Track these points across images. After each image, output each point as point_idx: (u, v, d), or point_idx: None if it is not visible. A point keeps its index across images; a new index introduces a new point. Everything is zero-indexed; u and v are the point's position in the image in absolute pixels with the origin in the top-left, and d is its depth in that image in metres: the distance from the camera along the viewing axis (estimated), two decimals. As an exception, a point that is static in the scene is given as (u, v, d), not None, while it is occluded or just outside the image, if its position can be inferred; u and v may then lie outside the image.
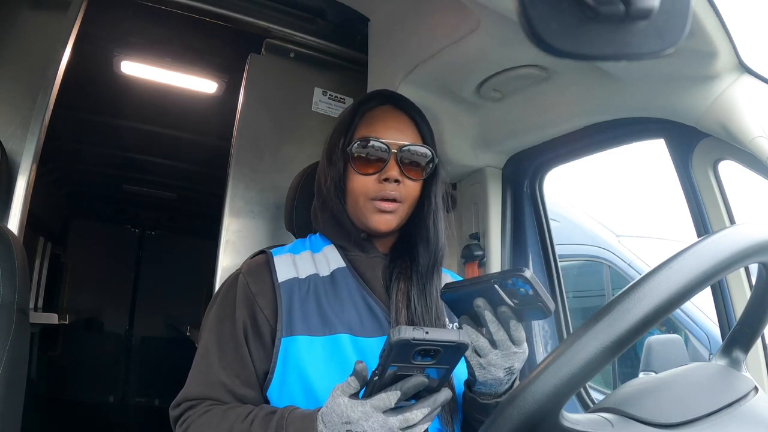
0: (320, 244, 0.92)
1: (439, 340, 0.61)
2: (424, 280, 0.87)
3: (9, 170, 1.32)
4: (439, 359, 0.63)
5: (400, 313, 0.83)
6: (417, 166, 0.87)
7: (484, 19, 1.06)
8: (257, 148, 1.71)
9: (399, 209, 0.86)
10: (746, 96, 0.92)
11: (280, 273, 0.84)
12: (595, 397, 1.44)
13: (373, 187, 0.85)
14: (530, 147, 1.45)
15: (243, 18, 1.67)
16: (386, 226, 0.86)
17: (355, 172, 0.86)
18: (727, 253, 0.51)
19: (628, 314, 0.47)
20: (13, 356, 1.00)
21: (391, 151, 0.85)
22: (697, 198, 1.09)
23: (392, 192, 0.85)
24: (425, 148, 0.88)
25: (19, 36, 1.42)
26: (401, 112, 0.91)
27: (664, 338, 1.72)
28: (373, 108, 0.91)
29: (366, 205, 0.86)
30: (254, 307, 0.82)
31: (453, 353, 0.64)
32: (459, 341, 0.62)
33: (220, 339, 0.81)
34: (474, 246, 1.54)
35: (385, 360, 0.62)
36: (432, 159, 0.88)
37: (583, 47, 0.33)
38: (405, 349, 0.61)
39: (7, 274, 1.03)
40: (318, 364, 0.78)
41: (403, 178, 0.85)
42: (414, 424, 0.64)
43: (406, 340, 0.59)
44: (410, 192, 0.87)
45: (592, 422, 0.54)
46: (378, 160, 0.85)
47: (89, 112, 2.74)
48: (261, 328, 0.81)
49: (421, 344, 0.60)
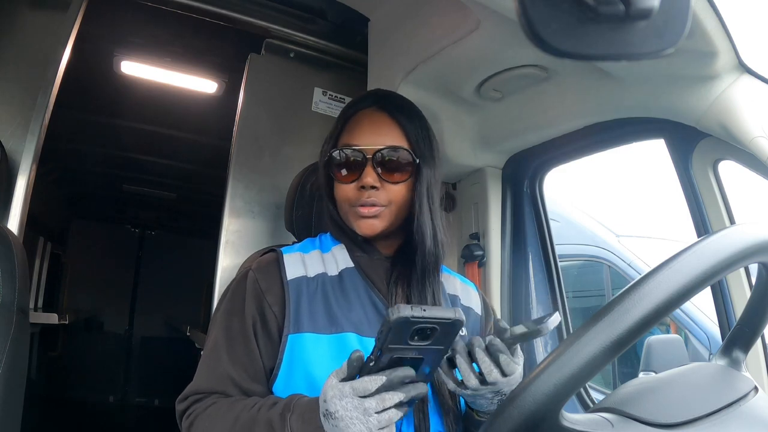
0: (330, 243, 0.92)
1: (436, 317, 0.61)
2: (425, 282, 0.86)
3: (9, 170, 1.32)
4: (434, 339, 0.63)
5: None
6: (396, 169, 0.85)
7: (484, 19, 1.07)
8: (257, 148, 1.71)
9: (383, 213, 0.85)
10: (746, 96, 0.92)
11: (289, 271, 0.85)
12: (595, 397, 1.44)
13: (353, 194, 0.85)
14: (530, 147, 1.45)
15: (243, 18, 1.67)
16: (371, 230, 0.85)
17: (336, 180, 0.87)
18: (727, 253, 0.51)
19: (628, 314, 0.47)
20: (13, 356, 1.00)
21: (367, 157, 0.84)
22: (697, 198, 1.09)
23: (370, 198, 0.83)
24: (402, 150, 0.85)
25: (19, 36, 1.42)
26: (383, 113, 0.88)
27: (664, 338, 1.72)
28: (356, 113, 0.89)
29: (350, 212, 0.86)
30: (263, 303, 0.82)
31: (448, 331, 0.63)
32: (455, 318, 0.62)
33: (229, 334, 0.82)
34: (474, 246, 1.54)
35: (383, 341, 0.61)
36: (412, 160, 0.86)
37: (583, 47, 0.33)
38: (403, 328, 0.60)
39: (7, 274, 1.03)
40: (324, 362, 0.78)
41: (382, 183, 0.84)
42: (388, 407, 0.64)
43: (405, 318, 0.59)
44: (394, 195, 0.85)
45: (592, 422, 0.54)
46: (356, 167, 0.85)
47: (89, 112, 2.74)
48: (269, 323, 0.82)
49: (419, 322, 0.60)
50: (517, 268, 1.54)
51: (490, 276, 1.52)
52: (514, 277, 1.54)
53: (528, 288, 1.53)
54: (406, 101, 0.93)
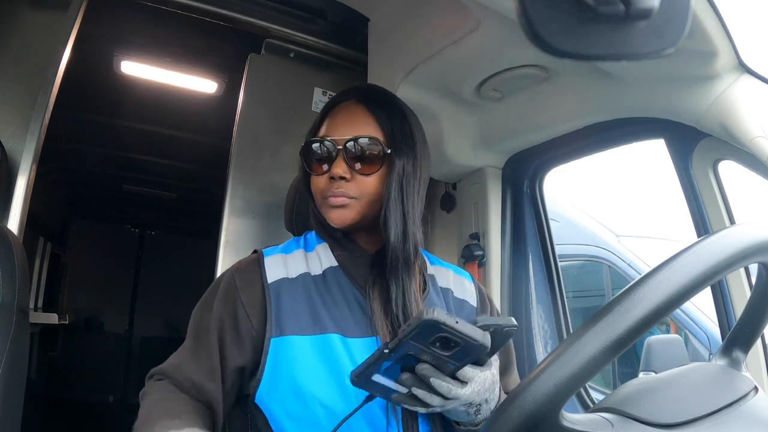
0: (314, 242, 0.91)
1: (465, 334, 0.60)
2: (400, 279, 0.83)
3: (9, 170, 1.32)
4: (454, 353, 0.62)
5: (380, 315, 0.81)
6: (368, 160, 0.83)
7: (484, 19, 1.07)
8: (257, 148, 1.71)
9: (352, 204, 0.83)
10: (746, 96, 0.92)
11: (270, 273, 0.84)
12: (595, 397, 1.44)
13: (325, 185, 0.84)
14: (530, 147, 1.45)
15: (243, 18, 1.67)
16: (340, 221, 0.83)
17: (311, 172, 0.87)
18: (727, 253, 0.51)
19: (628, 314, 0.47)
20: (13, 356, 1.00)
21: (338, 148, 0.83)
22: (697, 198, 1.09)
23: (338, 189, 0.82)
24: (372, 140, 0.83)
25: (19, 36, 1.42)
26: (360, 105, 0.87)
27: (664, 338, 1.71)
28: (334, 106, 0.89)
29: (322, 203, 0.85)
30: (236, 303, 0.82)
31: (469, 352, 0.63)
32: (482, 342, 0.61)
33: (197, 329, 0.83)
34: (474, 246, 1.54)
35: (406, 335, 0.61)
36: (382, 150, 0.83)
37: (583, 47, 0.33)
38: (430, 331, 0.60)
39: (7, 274, 1.03)
40: (307, 364, 0.78)
41: (353, 175, 0.83)
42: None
43: (436, 322, 0.59)
44: (365, 188, 0.83)
45: (592, 422, 0.54)
46: (326, 159, 0.84)
47: (89, 112, 2.74)
48: (240, 323, 0.81)
49: (448, 332, 0.60)
50: (517, 268, 1.54)
51: (490, 276, 1.52)
52: (514, 277, 1.54)
53: (528, 288, 1.53)
54: (388, 95, 0.92)
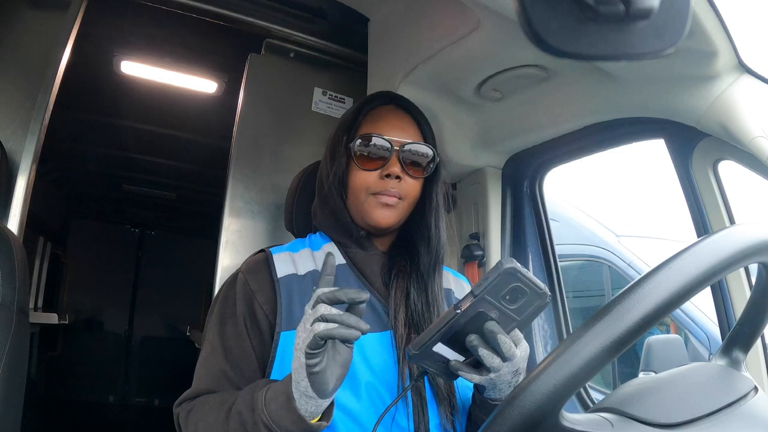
0: (320, 242, 0.93)
1: (534, 282, 0.65)
2: (425, 278, 0.88)
3: (9, 170, 1.32)
4: (520, 305, 0.66)
5: (399, 310, 0.84)
6: (418, 165, 0.89)
7: (484, 19, 1.06)
8: (257, 148, 1.71)
9: (399, 205, 0.87)
10: (746, 96, 0.92)
11: (279, 270, 0.86)
12: (595, 397, 1.44)
13: (375, 182, 0.87)
14: (530, 147, 1.45)
15: (243, 18, 1.67)
16: (386, 221, 0.87)
17: (358, 167, 0.88)
18: (727, 253, 0.51)
19: (628, 314, 0.47)
20: (13, 356, 1.00)
21: (394, 149, 0.87)
22: (697, 198, 1.09)
23: (393, 188, 0.86)
24: (427, 147, 0.90)
25: (19, 36, 1.42)
26: (404, 111, 0.92)
27: (664, 338, 1.71)
28: (377, 107, 0.92)
29: (368, 200, 0.87)
30: (253, 303, 0.83)
31: (534, 301, 0.67)
32: (546, 291, 0.66)
33: (223, 337, 0.83)
34: (474, 246, 1.54)
35: (485, 287, 0.64)
36: (433, 158, 0.90)
37: (583, 47, 0.34)
38: (508, 281, 0.64)
39: (7, 274, 1.03)
40: None
41: (404, 176, 0.87)
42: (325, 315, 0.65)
43: (514, 270, 0.64)
44: (411, 190, 0.88)
45: (592, 422, 0.54)
46: (380, 157, 0.87)
47: (89, 112, 2.74)
48: (260, 323, 0.83)
49: (522, 280, 0.64)
50: (517, 268, 1.54)
51: (490, 276, 1.52)
52: (514, 277, 1.54)
53: (528, 288, 1.53)
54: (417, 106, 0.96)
